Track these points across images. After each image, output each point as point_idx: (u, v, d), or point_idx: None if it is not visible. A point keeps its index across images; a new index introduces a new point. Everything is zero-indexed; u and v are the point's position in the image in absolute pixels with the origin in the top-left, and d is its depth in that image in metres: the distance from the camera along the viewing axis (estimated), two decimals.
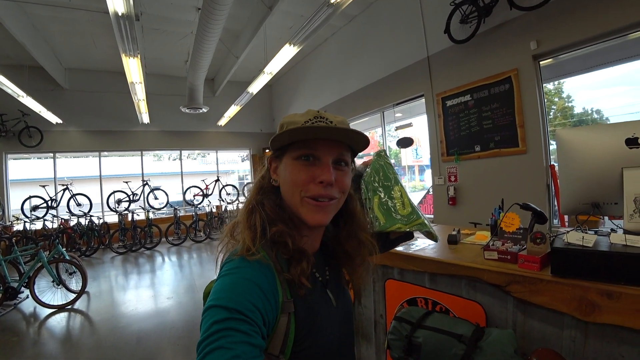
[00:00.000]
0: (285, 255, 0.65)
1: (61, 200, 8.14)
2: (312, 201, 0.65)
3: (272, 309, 0.58)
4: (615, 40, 3.27)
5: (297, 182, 0.65)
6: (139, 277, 5.52)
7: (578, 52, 3.56)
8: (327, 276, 0.77)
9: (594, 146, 1.19)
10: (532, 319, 1.15)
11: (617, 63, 3.54)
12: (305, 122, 0.65)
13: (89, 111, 8.65)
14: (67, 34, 6.66)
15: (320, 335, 0.66)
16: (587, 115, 4.18)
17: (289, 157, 0.67)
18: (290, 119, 0.68)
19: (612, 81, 3.74)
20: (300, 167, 0.65)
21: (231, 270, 0.60)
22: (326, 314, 0.70)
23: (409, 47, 5.31)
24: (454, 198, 4.67)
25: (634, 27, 3.09)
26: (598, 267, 0.98)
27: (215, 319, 0.51)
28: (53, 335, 3.37)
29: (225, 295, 0.55)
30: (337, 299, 0.75)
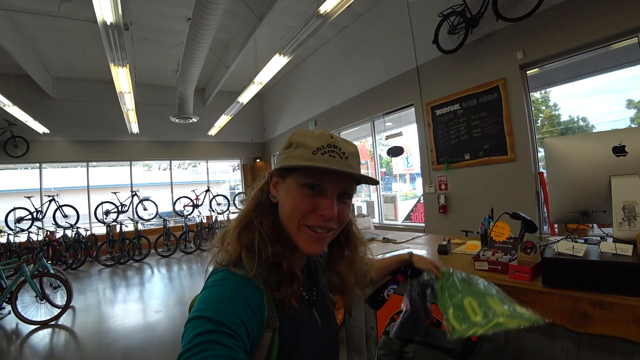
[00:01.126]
0: (277, 276, 0.63)
1: (47, 211, 7.95)
2: (310, 231, 0.64)
3: (257, 323, 0.57)
4: (599, 50, 3.37)
5: (298, 210, 0.63)
6: (127, 290, 5.38)
7: (563, 61, 3.65)
8: (314, 296, 0.76)
9: (581, 155, 1.19)
10: (525, 330, 1.12)
11: (602, 72, 3.62)
12: (317, 149, 0.62)
13: (77, 121, 8.54)
14: (55, 42, 6.59)
15: (304, 354, 0.65)
16: (573, 123, 4.25)
17: (293, 181, 0.64)
18: (301, 139, 0.65)
19: (597, 90, 3.83)
20: (304, 195, 0.63)
21: (217, 282, 0.59)
22: (311, 333, 0.68)
23: (399, 57, 5.37)
24: (444, 206, 4.68)
25: (617, 38, 3.19)
26: (589, 277, 0.97)
27: (199, 331, 0.49)
28: (36, 353, 3.23)
29: (210, 306, 0.53)
30: (322, 318, 0.74)
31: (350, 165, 0.63)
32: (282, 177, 0.67)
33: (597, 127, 4.03)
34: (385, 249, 1.92)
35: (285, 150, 0.66)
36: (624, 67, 3.42)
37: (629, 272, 0.91)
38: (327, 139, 0.64)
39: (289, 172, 0.65)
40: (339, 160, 0.62)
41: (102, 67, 7.71)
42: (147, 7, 5.57)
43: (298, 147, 0.64)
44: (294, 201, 0.64)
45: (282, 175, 0.67)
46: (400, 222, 6.15)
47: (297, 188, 0.64)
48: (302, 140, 0.65)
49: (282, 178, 0.67)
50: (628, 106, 3.68)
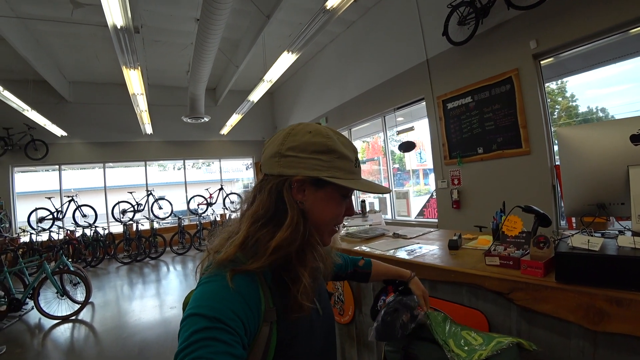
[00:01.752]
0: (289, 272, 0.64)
1: (67, 211, 8.20)
2: (335, 229, 0.73)
3: (255, 318, 0.56)
4: (617, 36, 3.22)
5: (338, 216, 0.71)
6: (144, 286, 5.50)
7: (579, 49, 3.51)
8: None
9: (597, 144, 1.14)
10: (537, 327, 1.09)
11: (621, 60, 3.46)
12: (355, 162, 0.70)
13: (93, 123, 8.75)
14: (69, 48, 6.75)
15: (304, 346, 0.65)
16: (592, 114, 4.09)
17: (336, 192, 0.68)
18: (339, 147, 0.66)
19: (617, 78, 3.66)
20: (342, 203, 0.71)
21: (212, 278, 0.58)
22: (311, 324, 0.68)
23: (408, 50, 5.29)
24: (457, 201, 4.60)
25: (635, 23, 3.04)
26: (606, 272, 0.92)
27: (195, 328, 0.49)
28: (57, 347, 3.35)
29: (205, 303, 0.53)
30: (321, 306, 0.75)
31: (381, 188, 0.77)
32: (316, 185, 0.67)
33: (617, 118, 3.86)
34: (395, 245, 1.90)
35: (323, 157, 0.65)
36: None
37: None
38: (353, 148, 0.72)
39: (328, 184, 0.66)
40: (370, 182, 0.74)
41: (116, 70, 7.85)
42: (156, 10, 5.64)
43: (341, 157, 0.66)
44: (336, 208, 0.70)
45: (319, 184, 0.67)
46: (413, 218, 6.08)
47: (338, 198, 0.69)
48: (341, 149, 0.66)
49: (316, 185, 0.67)
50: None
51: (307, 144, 0.64)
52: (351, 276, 1.12)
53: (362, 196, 7.53)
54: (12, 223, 7.81)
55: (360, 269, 1.12)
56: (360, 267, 1.12)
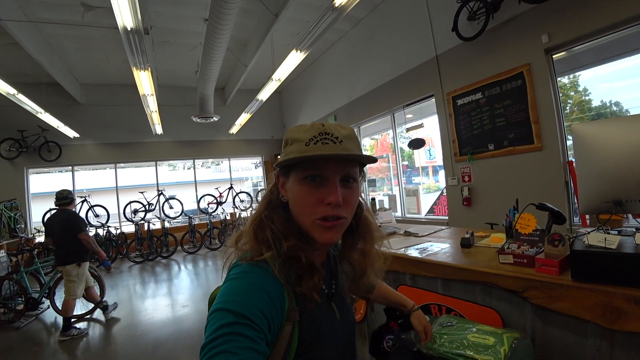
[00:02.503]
0: (297, 270, 0.64)
1: (80, 212, 8.35)
2: (322, 222, 0.63)
3: (278, 316, 0.58)
4: (631, 29, 3.14)
5: (306, 205, 0.64)
6: (156, 285, 5.58)
7: (592, 43, 3.44)
8: (333, 289, 0.76)
9: (613, 140, 1.12)
10: (552, 326, 1.08)
11: (634, 53, 3.38)
12: (310, 140, 0.62)
13: (104, 124, 8.89)
14: (81, 50, 6.86)
15: (323, 348, 0.65)
16: (605, 108, 4.00)
17: (295, 177, 0.65)
18: (294, 134, 0.66)
19: (631, 71, 3.57)
20: (307, 188, 0.64)
21: (239, 275, 0.59)
22: (330, 326, 0.69)
23: (417, 47, 5.25)
24: (468, 199, 4.55)
25: None
26: (623, 270, 0.91)
27: (222, 323, 0.50)
28: (72, 345, 3.42)
29: (232, 299, 0.54)
30: (341, 312, 0.74)
31: (346, 147, 0.63)
32: (286, 176, 0.68)
33: (632, 112, 3.77)
34: (406, 243, 1.89)
35: (284, 150, 0.67)
36: None
37: None
38: (319, 127, 0.64)
39: (290, 170, 0.66)
40: (333, 146, 0.62)
41: (126, 71, 7.95)
42: (165, 11, 5.70)
43: (292, 142, 0.65)
44: (299, 196, 0.64)
45: (285, 174, 0.68)
46: (423, 216, 6.04)
47: (299, 183, 0.64)
48: (294, 135, 0.65)
49: (286, 177, 0.68)
50: None
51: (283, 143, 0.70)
52: None
53: (371, 194, 7.52)
54: (27, 223, 7.99)
55: None
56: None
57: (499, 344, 0.90)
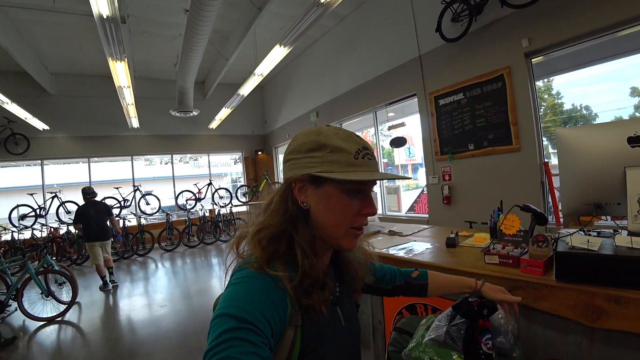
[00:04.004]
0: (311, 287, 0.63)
1: (50, 208, 7.97)
2: (355, 231, 0.67)
3: (281, 321, 0.58)
4: (605, 37, 3.28)
5: (348, 216, 0.65)
6: (132, 285, 5.41)
7: (569, 49, 3.57)
8: (338, 293, 0.75)
9: (594, 145, 1.16)
10: (536, 325, 1.11)
11: (607, 60, 3.55)
12: (357, 153, 0.64)
13: (77, 116, 8.50)
14: (52, 38, 6.52)
15: (326, 354, 0.65)
16: (576, 112, 4.18)
17: (334, 188, 0.64)
18: (334, 141, 0.64)
19: (601, 77, 3.76)
20: (349, 200, 0.65)
21: (242, 279, 0.60)
22: (334, 332, 0.69)
23: (401, 46, 5.29)
24: (448, 197, 4.65)
25: (623, 25, 3.11)
26: (604, 271, 0.94)
27: (224, 328, 0.50)
28: (43, 350, 3.26)
29: (235, 304, 0.54)
30: (345, 317, 0.74)
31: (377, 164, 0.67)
32: (316, 184, 0.65)
33: (600, 116, 3.96)
34: (391, 242, 1.90)
35: (316, 154, 0.64)
36: (630, 55, 3.36)
37: None
38: (357, 140, 0.66)
39: (326, 180, 0.64)
40: (375, 163, 0.66)
41: (101, 61, 7.61)
42: (144, 0, 5.48)
43: (334, 151, 0.63)
44: (341, 207, 0.64)
45: (317, 181, 0.65)
46: (403, 214, 6.13)
47: (341, 195, 0.64)
48: (335, 142, 0.64)
49: (316, 185, 0.65)
50: (632, 94, 3.62)
51: (301, 144, 0.66)
52: (403, 290, 0.99)
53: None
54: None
55: (414, 280, 0.99)
56: (414, 279, 0.99)
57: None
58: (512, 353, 0.87)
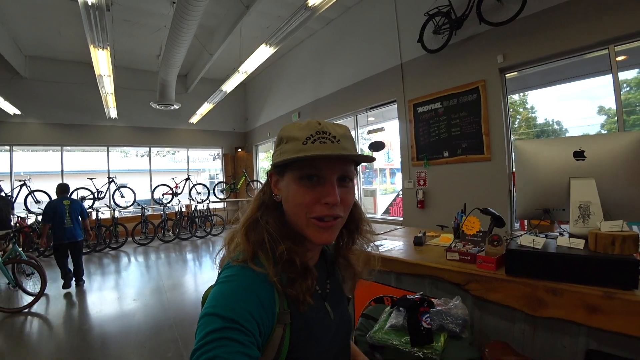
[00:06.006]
0: (291, 274, 0.62)
1: (17, 196, 7.64)
2: (318, 222, 0.63)
3: (269, 319, 0.57)
4: (573, 58, 3.55)
5: (302, 204, 0.63)
6: (103, 278, 5.30)
7: (540, 67, 3.82)
8: (328, 289, 0.75)
9: (546, 157, 1.30)
10: (488, 314, 1.24)
11: (576, 79, 3.85)
12: (307, 139, 0.62)
13: (51, 102, 8.19)
14: (29, 19, 6.29)
15: (315, 349, 0.65)
16: (548, 126, 4.44)
17: (291, 176, 0.64)
18: (289, 132, 0.65)
19: (572, 95, 4.04)
20: (304, 188, 0.63)
21: (229, 278, 0.59)
22: (323, 327, 0.68)
23: (384, 53, 5.45)
24: (422, 201, 4.84)
25: (590, 48, 3.39)
26: (546, 266, 1.08)
27: (211, 328, 0.50)
28: (8, 340, 3.17)
29: (221, 303, 0.53)
30: (335, 312, 0.73)
31: (343, 147, 0.63)
32: (280, 175, 0.67)
33: (570, 131, 4.24)
34: None
35: (278, 148, 0.67)
36: (596, 76, 3.63)
37: (579, 263, 1.03)
38: (315, 126, 0.64)
39: (286, 169, 0.65)
40: (331, 145, 0.62)
41: (80, 47, 7.42)
42: None
43: (289, 141, 0.64)
44: (296, 195, 0.63)
45: (280, 172, 0.67)
46: (379, 216, 6.30)
47: (296, 182, 0.63)
48: (290, 133, 0.65)
49: (281, 176, 0.67)
50: (599, 112, 3.88)
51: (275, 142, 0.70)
52: None
53: None
54: None
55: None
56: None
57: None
58: (462, 334, 0.99)
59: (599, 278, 0.99)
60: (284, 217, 0.68)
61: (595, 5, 3.24)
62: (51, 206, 4.74)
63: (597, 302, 0.97)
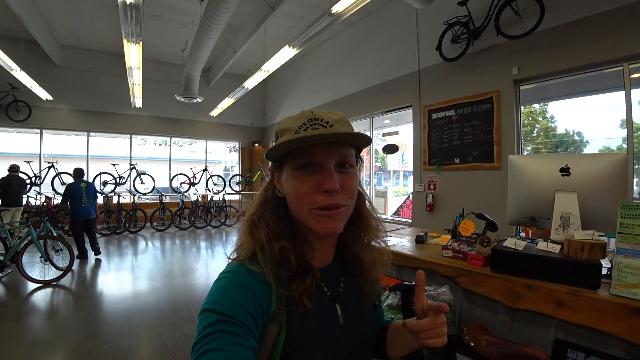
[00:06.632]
0: (288, 272, 0.62)
1: (45, 177, 8.09)
2: (321, 211, 0.60)
3: (263, 316, 0.58)
4: (591, 73, 3.63)
5: (301, 194, 0.61)
6: (123, 259, 5.63)
7: (559, 79, 3.90)
8: (341, 289, 0.71)
9: (536, 171, 1.47)
10: (475, 306, 1.42)
11: (596, 93, 3.89)
12: (299, 128, 0.61)
13: (80, 90, 8.62)
14: (65, 10, 6.65)
15: (315, 353, 0.62)
16: (568, 137, 4.46)
17: (289, 168, 0.63)
18: (283, 125, 0.65)
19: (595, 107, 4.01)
20: (301, 177, 0.61)
21: (226, 274, 0.60)
22: (326, 332, 0.65)
23: (402, 58, 5.59)
24: (431, 205, 4.98)
25: (605, 65, 3.47)
26: (524, 265, 1.26)
27: (207, 322, 0.52)
28: (42, 308, 3.49)
29: (217, 299, 0.55)
30: (347, 316, 0.69)
31: (337, 130, 0.61)
32: (280, 169, 0.67)
33: (590, 143, 4.22)
34: None
35: (275, 143, 0.65)
36: (611, 92, 3.68)
37: (552, 264, 1.20)
38: (308, 115, 0.63)
39: (283, 162, 0.65)
40: (323, 130, 0.60)
41: (110, 39, 7.80)
42: None
43: (283, 133, 0.64)
44: (294, 186, 0.62)
45: (279, 167, 0.67)
46: (388, 217, 6.46)
47: (293, 173, 0.62)
48: (284, 126, 0.64)
49: (280, 170, 0.67)
50: (621, 126, 3.90)
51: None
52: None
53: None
54: None
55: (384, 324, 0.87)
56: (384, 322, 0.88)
57: None
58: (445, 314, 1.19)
59: (567, 278, 1.16)
60: (288, 214, 0.67)
61: (610, 23, 3.32)
62: (70, 188, 5.40)
63: (564, 297, 1.14)
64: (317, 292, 0.64)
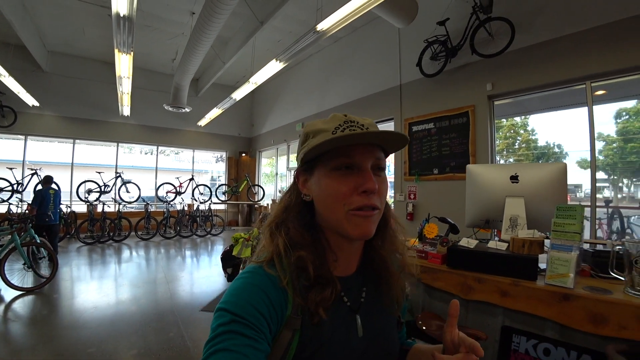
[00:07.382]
0: (306, 281, 0.60)
1: (28, 184, 7.98)
2: (358, 212, 0.59)
3: (277, 320, 0.57)
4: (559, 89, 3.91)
5: (339, 195, 0.59)
6: (107, 267, 5.60)
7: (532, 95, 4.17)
8: (362, 299, 0.68)
9: (490, 179, 1.65)
10: (434, 299, 1.57)
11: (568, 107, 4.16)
12: (336, 128, 0.61)
13: (67, 97, 8.62)
14: (56, 17, 6.71)
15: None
16: (549, 149, 4.69)
17: (323, 169, 0.62)
18: (315, 127, 0.64)
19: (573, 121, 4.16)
20: (339, 178, 0.60)
21: (244, 275, 0.60)
22: (344, 342, 0.63)
23: (385, 74, 5.86)
24: (411, 214, 5.17)
25: (569, 82, 3.77)
26: (474, 262, 1.42)
27: (220, 322, 0.52)
28: (26, 315, 3.46)
29: (231, 299, 0.55)
30: (367, 328, 0.66)
31: (379, 132, 0.60)
32: (309, 172, 0.66)
33: (570, 155, 4.45)
34: None
35: (304, 145, 0.64)
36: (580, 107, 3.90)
37: (498, 259, 1.37)
38: (341, 117, 0.63)
39: (315, 164, 0.64)
40: (361, 132, 0.59)
41: (100, 47, 7.88)
42: None
43: (315, 135, 0.62)
44: (331, 187, 0.60)
45: (309, 169, 0.66)
46: None
47: (328, 175, 0.61)
48: (316, 127, 0.63)
49: (309, 173, 0.66)
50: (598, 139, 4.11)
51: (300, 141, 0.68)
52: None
53: None
54: None
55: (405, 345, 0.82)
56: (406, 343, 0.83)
57: None
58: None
59: (510, 271, 1.33)
60: (313, 220, 0.66)
61: (575, 44, 3.63)
62: (41, 193, 5.57)
63: (507, 288, 1.30)
64: (336, 302, 0.62)
